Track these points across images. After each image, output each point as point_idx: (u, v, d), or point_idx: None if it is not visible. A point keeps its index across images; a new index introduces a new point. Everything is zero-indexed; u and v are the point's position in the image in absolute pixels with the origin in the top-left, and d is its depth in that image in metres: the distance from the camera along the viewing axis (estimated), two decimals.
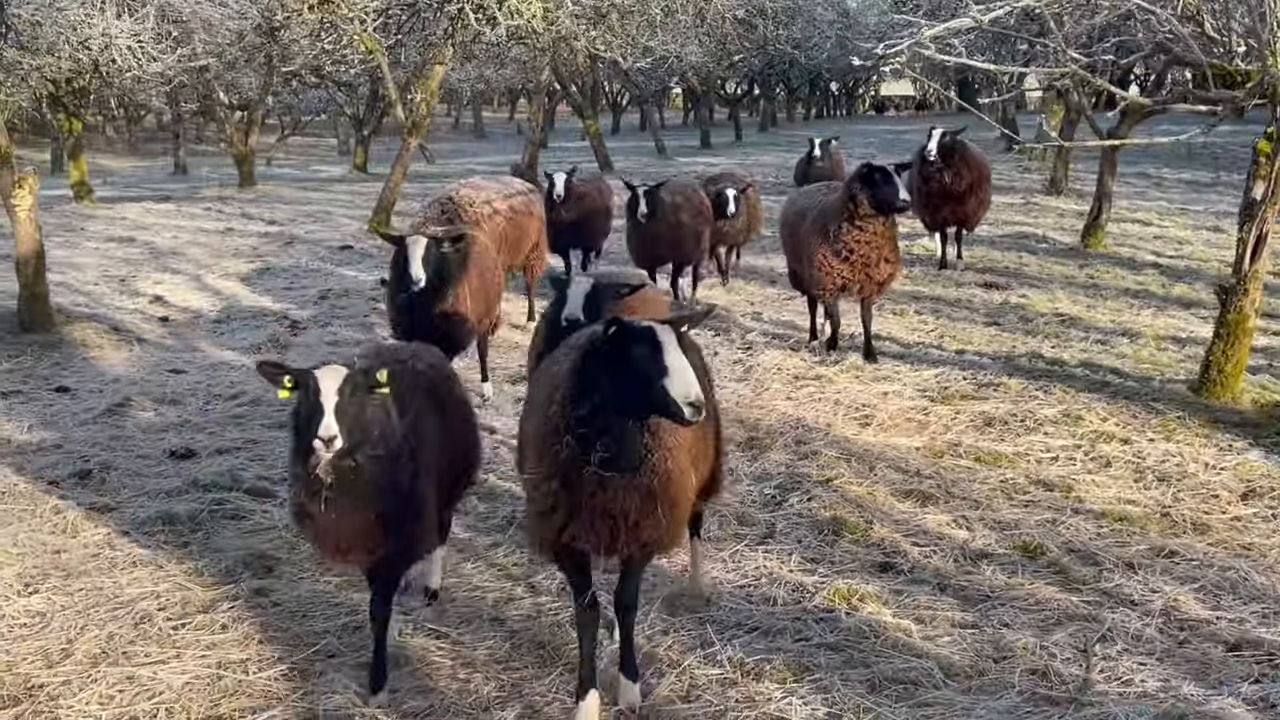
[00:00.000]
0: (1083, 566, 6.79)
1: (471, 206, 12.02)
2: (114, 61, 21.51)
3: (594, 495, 4.97)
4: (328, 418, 4.98)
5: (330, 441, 4.96)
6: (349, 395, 5.07)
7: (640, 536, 5.13)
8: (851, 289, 10.90)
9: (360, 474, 5.18)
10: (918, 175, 15.00)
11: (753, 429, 9.30)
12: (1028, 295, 13.82)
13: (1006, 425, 9.22)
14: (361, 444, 5.14)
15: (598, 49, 23.27)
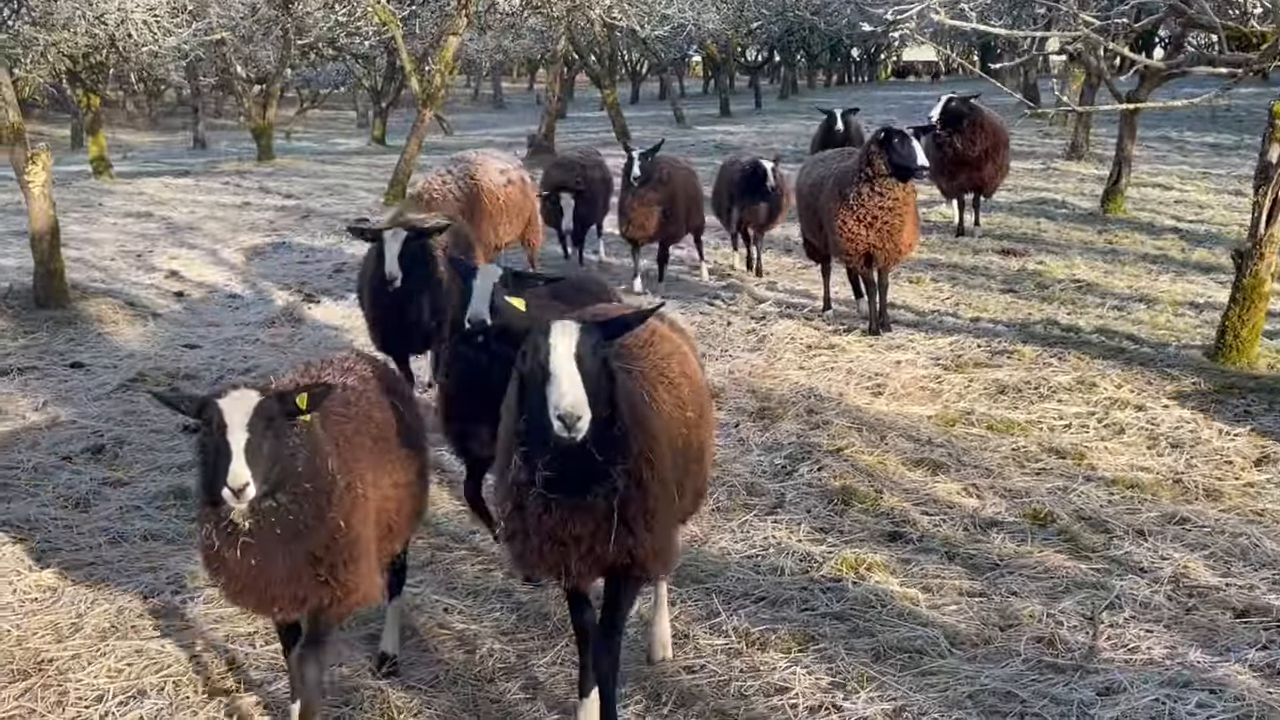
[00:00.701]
0: (1093, 534, 6.77)
1: (485, 173, 12.07)
2: (130, 36, 21.55)
3: (540, 519, 4.58)
4: (236, 462, 4.27)
5: (241, 491, 4.26)
6: (263, 429, 4.36)
7: (602, 563, 4.68)
8: (875, 256, 10.83)
9: (284, 515, 4.50)
10: (931, 142, 14.91)
11: (764, 399, 9.29)
12: (1045, 261, 13.74)
13: (1020, 393, 9.19)
14: (282, 483, 4.46)
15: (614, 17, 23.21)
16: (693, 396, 5.31)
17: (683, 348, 5.57)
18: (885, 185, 10.53)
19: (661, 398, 5.05)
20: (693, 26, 34.05)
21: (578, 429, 4.22)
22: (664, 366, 5.22)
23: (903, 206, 10.66)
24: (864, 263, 10.97)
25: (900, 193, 10.61)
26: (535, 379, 4.35)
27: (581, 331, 4.38)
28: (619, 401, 4.55)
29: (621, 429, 4.55)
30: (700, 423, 5.38)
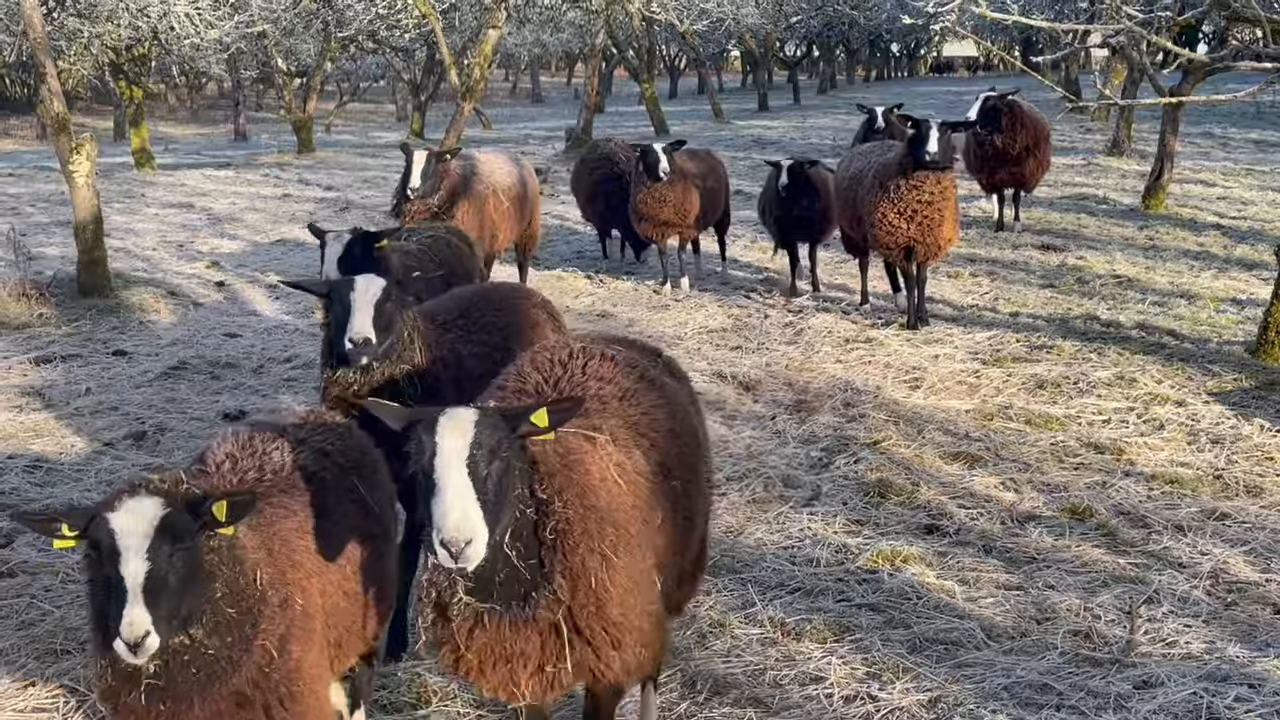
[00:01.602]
0: (1131, 529, 6.74)
1: (489, 173, 12.07)
2: (172, 28, 21.79)
3: (471, 633, 3.78)
4: (132, 608, 3.38)
5: (138, 645, 3.38)
6: (167, 554, 3.45)
7: (562, 682, 3.94)
8: (915, 250, 10.80)
9: (199, 653, 3.61)
10: (970, 138, 14.88)
11: (801, 392, 9.30)
12: (1085, 257, 13.67)
13: (1059, 388, 9.15)
14: (194, 616, 3.57)
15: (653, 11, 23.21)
16: (682, 458, 4.48)
17: (676, 398, 4.71)
18: (919, 178, 10.49)
19: (636, 466, 4.17)
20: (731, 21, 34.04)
21: (467, 558, 3.42)
22: (645, 424, 4.38)
23: (942, 200, 10.62)
24: (903, 257, 10.95)
25: (939, 186, 10.56)
26: (420, 485, 3.54)
27: (478, 425, 3.56)
28: (552, 498, 3.77)
29: (560, 527, 3.76)
30: (692, 489, 4.55)
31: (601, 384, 4.42)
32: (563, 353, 4.63)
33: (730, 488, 7.51)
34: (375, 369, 5.67)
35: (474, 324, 6.45)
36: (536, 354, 4.66)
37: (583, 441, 4.03)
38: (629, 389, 4.47)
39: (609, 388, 4.43)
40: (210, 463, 4.24)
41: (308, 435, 4.48)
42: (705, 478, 4.81)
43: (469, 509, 3.44)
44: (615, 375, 4.50)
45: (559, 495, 3.81)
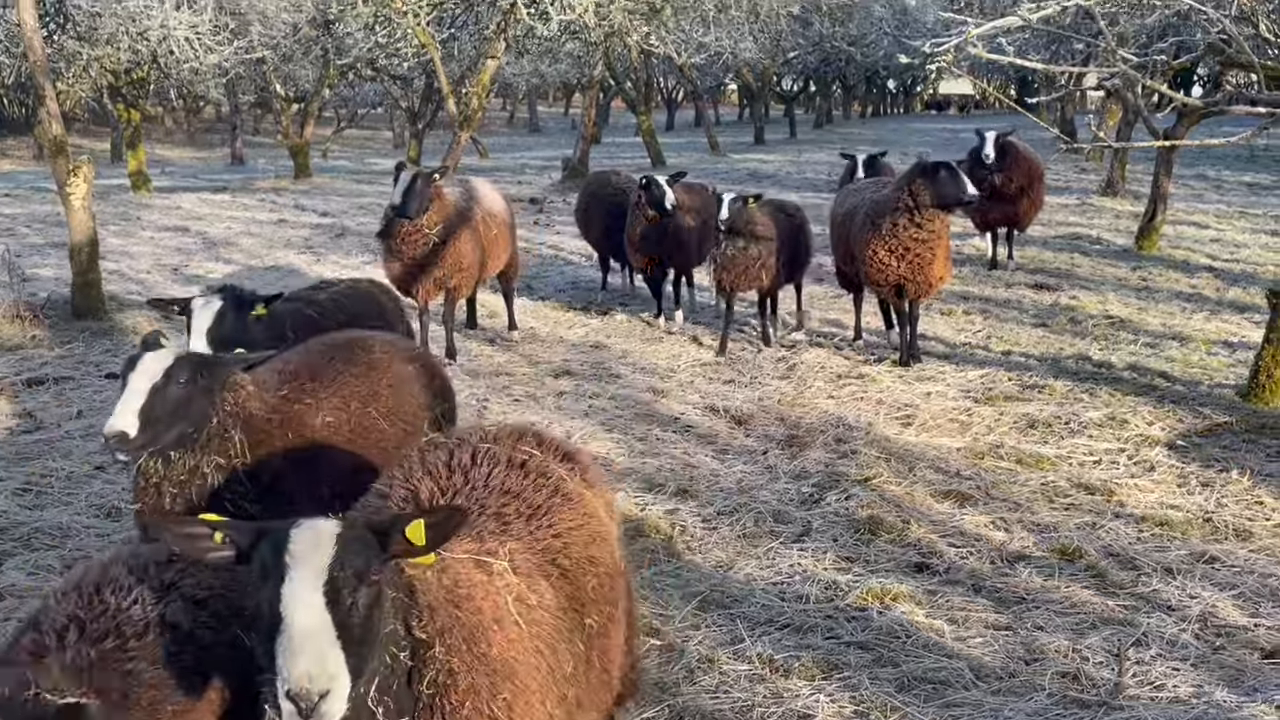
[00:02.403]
0: (1121, 571, 6.75)
1: (483, 199, 12.06)
2: (172, 53, 21.88)
3: None
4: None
5: None
6: None
7: None
8: (906, 287, 10.85)
9: None
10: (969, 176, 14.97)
11: (793, 427, 9.31)
12: (1078, 297, 13.73)
13: (1050, 428, 9.18)
14: None
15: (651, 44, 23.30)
16: (600, 591, 3.77)
17: (597, 514, 3.96)
18: (926, 216, 10.53)
19: (542, 601, 3.47)
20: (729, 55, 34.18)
21: (322, 716, 2.69)
22: (557, 548, 3.67)
23: (935, 239, 10.67)
24: (895, 294, 10.99)
25: (935, 225, 10.62)
26: (262, 616, 2.83)
27: (341, 542, 2.88)
28: (433, 640, 3.07)
29: (441, 680, 3.06)
30: (611, 628, 3.86)
31: (506, 499, 3.71)
32: (464, 455, 3.89)
33: (720, 522, 7.52)
34: (175, 461, 4.79)
35: (325, 390, 5.44)
36: (430, 454, 3.92)
37: (475, 570, 3.33)
38: (540, 506, 3.74)
39: (514, 503, 3.71)
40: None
41: (163, 581, 3.55)
42: (619, 612, 4.00)
43: (325, 652, 2.72)
44: (524, 488, 3.78)
45: (441, 637, 3.09)
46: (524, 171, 32.93)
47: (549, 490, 3.83)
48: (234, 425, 4.92)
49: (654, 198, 12.31)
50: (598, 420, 9.59)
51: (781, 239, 11.64)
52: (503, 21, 19.19)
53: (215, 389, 4.88)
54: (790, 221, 12.00)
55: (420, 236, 11.07)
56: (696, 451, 8.84)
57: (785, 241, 11.69)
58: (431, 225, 11.09)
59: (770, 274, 11.57)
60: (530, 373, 11.16)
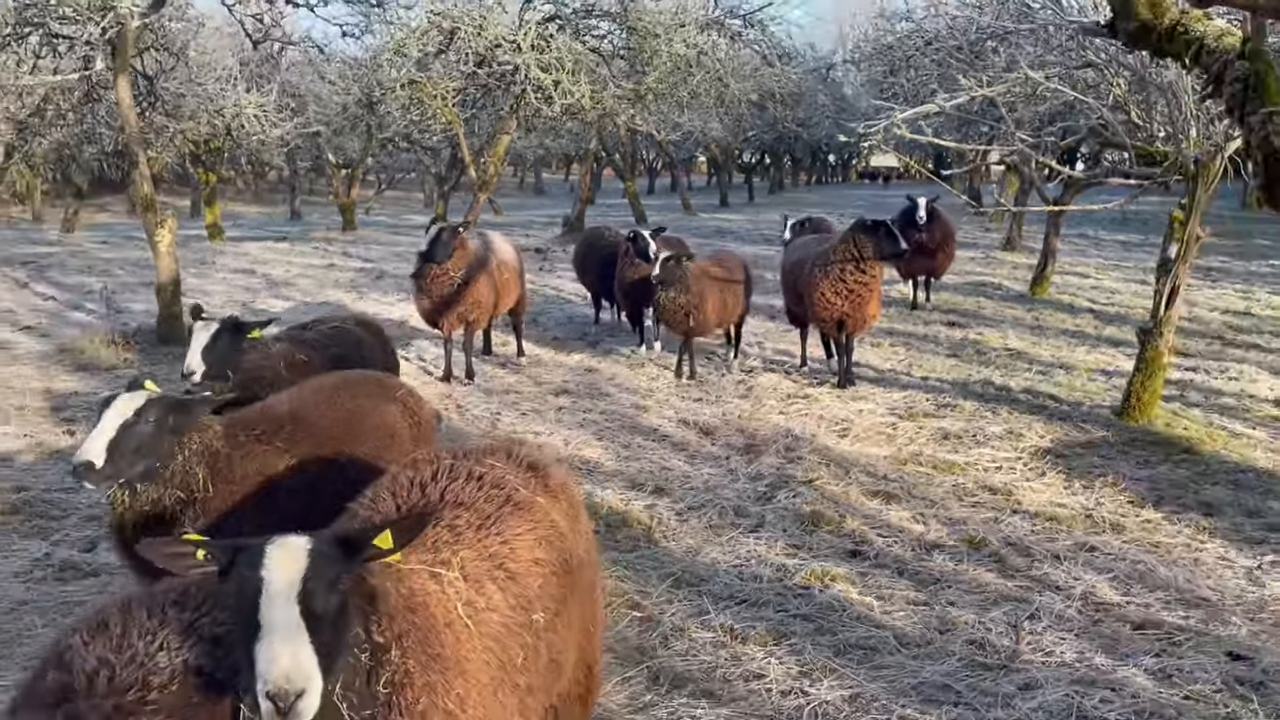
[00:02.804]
0: (1018, 557, 6.76)
1: (498, 249, 12.07)
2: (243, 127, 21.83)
3: None
4: None
5: None
6: None
7: None
8: (846, 323, 10.87)
9: None
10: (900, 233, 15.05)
11: (750, 437, 9.32)
12: (983, 333, 13.77)
13: (960, 439, 9.19)
14: None
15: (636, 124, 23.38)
16: (546, 590, 3.50)
17: (549, 519, 3.66)
18: (868, 264, 10.58)
19: (490, 603, 3.28)
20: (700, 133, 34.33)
21: (298, 713, 2.54)
22: (504, 554, 3.43)
23: (873, 283, 10.73)
24: (835, 328, 11.01)
25: (874, 271, 10.68)
26: (241, 624, 2.67)
27: (313, 556, 2.71)
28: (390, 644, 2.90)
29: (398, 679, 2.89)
30: (559, 623, 3.56)
31: (459, 511, 3.47)
32: (425, 473, 3.65)
33: (691, 515, 7.51)
34: (140, 492, 4.46)
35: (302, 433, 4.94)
36: (396, 476, 3.68)
37: (428, 580, 3.15)
38: (490, 515, 3.51)
39: (466, 515, 3.46)
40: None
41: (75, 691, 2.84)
42: (573, 610, 3.70)
43: (300, 654, 2.57)
44: (476, 500, 3.54)
45: (399, 641, 2.91)
46: (531, 226, 32.91)
47: (500, 500, 3.57)
48: (198, 462, 4.56)
49: (640, 248, 12.35)
50: (591, 431, 9.58)
51: (710, 290, 11.26)
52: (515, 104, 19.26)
53: (182, 429, 4.54)
54: (724, 274, 11.67)
55: (446, 278, 11.08)
56: (671, 457, 8.84)
57: (716, 291, 11.38)
58: (455, 270, 11.10)
59: (700, 319, 11.22)
60: (535, 391, 11.15)
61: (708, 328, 11.57)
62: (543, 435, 9.47)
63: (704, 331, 11.64)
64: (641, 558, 6.76)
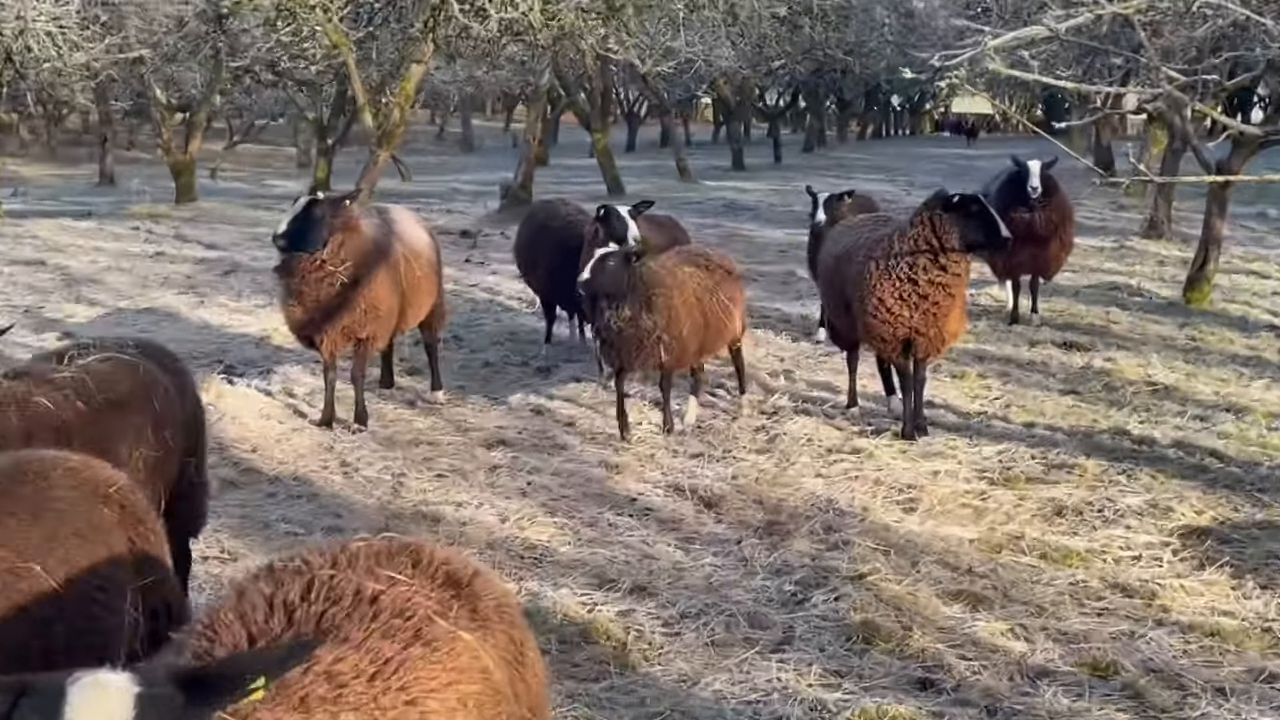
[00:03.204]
0: (1163, 690, 6.76)
1: (405, 233, 12.06)
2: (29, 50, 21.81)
3: None
4: None
5: None
6: None
7: None
8: (916, 344, 10.93)
9: None
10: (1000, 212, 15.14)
11: (773, 511, 9.32)
12: (1115, 359, 13.85)
13: (1080, 516, 9.20)
14: None
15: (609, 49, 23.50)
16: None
17: (478, 665, 3.60)
18: (950, 260, 10.60)
19: None
20: (702, 63, 34.44)
21: None
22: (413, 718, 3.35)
23: (956, 285, 10.74)
24: (901, 351, 11.03)
25: (959, 268, 10.70)
26: None
27: (140, 709, 2.69)
28: None
29: None
30: None
31: (343, 651, 3.34)
32: (291, 590, 3.55)
33: (685, 626, 7.49)
34: None
35: None
36: (246, 591, 3.56)
37: None
38: (390, 659, 3.39)
39: (354, 658, 3.33)
40: None
41: None
42: None
43: None
44: (369, 634, 3.44)
45: None
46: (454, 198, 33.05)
47: (407, 636, 3.45)
48: None
49: (613, 232, 12.28)
50: (538, 501, 9.56)
51: (686, 302, 11.03)
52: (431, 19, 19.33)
53: None
54: (708, 275, 11.53)
55: (326, 275, 11.05)
56: (657, 540, 8.82)
57: (696, 304, 11.15)
58: (339, 262, 11.07)
59: (674, 350, 10.96)
60: (458, 442, 11.13)
61: (683, 360, 11.33)
62: (468, 508, 9.45)
63: (676, 365, 11.37)
64: (612, 691, 6.74)
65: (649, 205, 13.35)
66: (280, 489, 9.93)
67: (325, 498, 9.66)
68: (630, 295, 10.67)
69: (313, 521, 9.11)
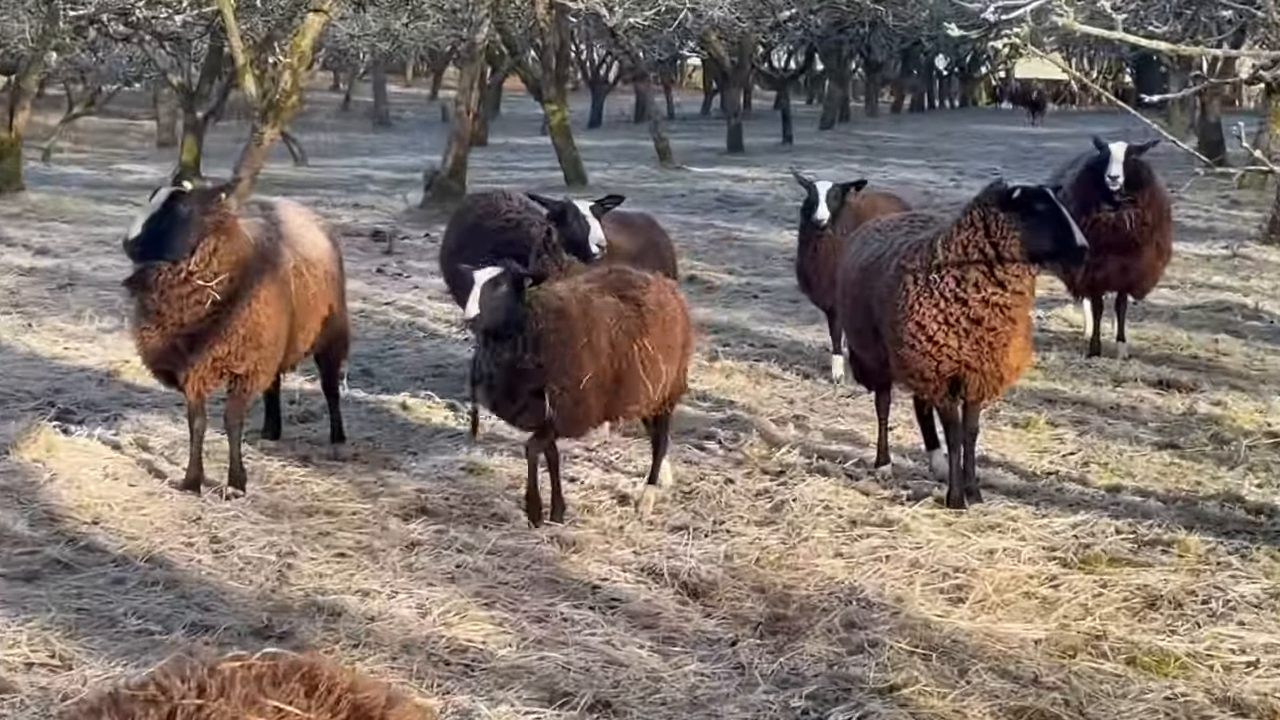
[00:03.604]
0: None
1: (298, 237, 12.04)
2: None
3: None
4: None
5: None
6: None
7: None
8: (966, 382, 10.94)
9: None
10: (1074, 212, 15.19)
11: (779, 602, 9.31)
12: (1225, 402, 13.90)
13: (1180, 609, 9.21)
14: None
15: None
16: None
17: None
18: (1011, 272, 10.58)
19: None
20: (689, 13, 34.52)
21: None
22: None
23: (1018, 306, 10.71)
24: (946, 392, 11.04)
25: (1022, 284, 10.66)
26: None
27: None
28: None
29: None
30: None
31: None
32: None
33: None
34: None
35: None
36: (147, 686, 3.54)
37: None
38: None
39: None
40: None
41: None
42: None
43: None
44: None
45: None
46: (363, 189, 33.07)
47: None
48: None
49: (572, 235, 12.36)
50: (470, 589, 9.53)
51: (592, 345, 10.56)
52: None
53: None
54: (634, 314, 10.97)
55: (193, 291, 11.00)
56: (626, 640, 8.81)
57: (606, 348, 10.63)
58: (211, 274, 11.03)
59: (567, 409, 10.52)
60: (366, 510, 11.09)
61: (577, 424, 10.95)
62: (378, 599, 9.41)
63: (567, 432, 11.04)
64: None
65: (618, 200, 13.31)
66: (130, 573, 9.83)
67: (189, 585, 9.58)
68: (518, 330, 10.27)
69: (173, 617, 9.03)
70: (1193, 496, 11.36)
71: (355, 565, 9.98)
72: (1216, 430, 13.09)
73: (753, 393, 14.42)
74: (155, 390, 13.06)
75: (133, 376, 14.66)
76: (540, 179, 30.59)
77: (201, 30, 31.32)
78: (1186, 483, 11.70)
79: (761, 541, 10.43)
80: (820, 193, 14.52)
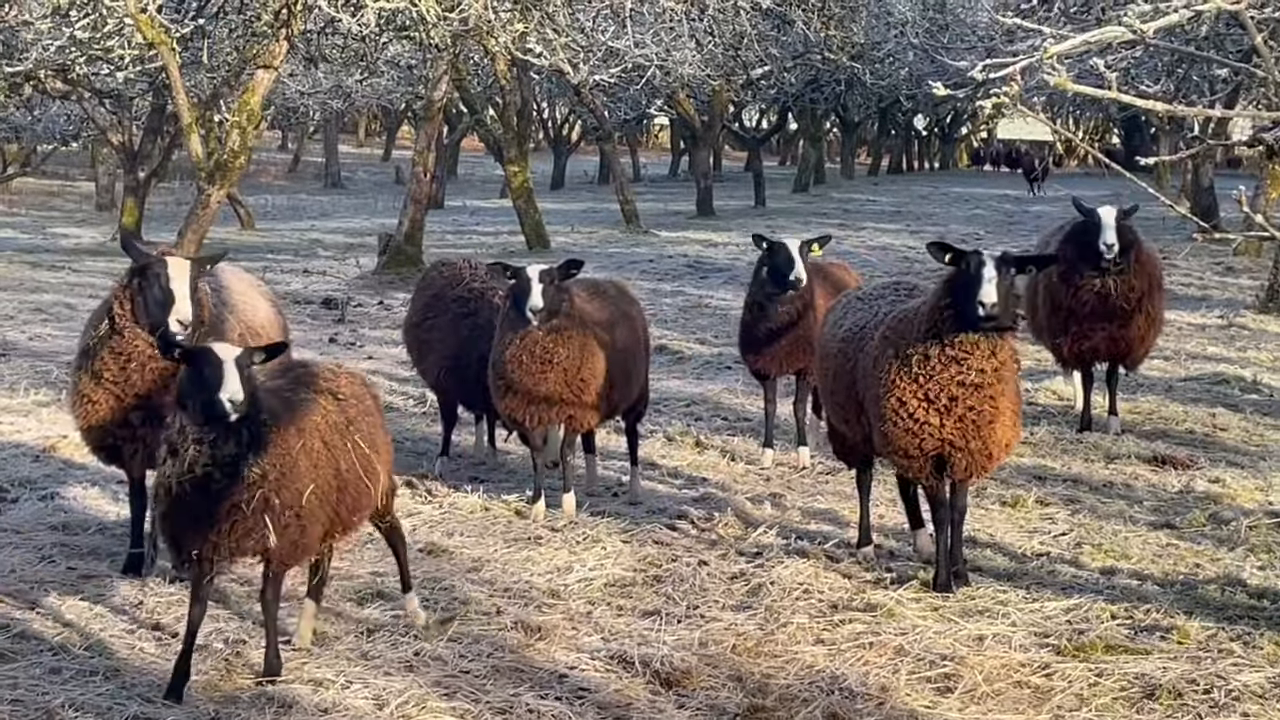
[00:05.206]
0: None
1: (243, 305, 12.03)
2: None
3: None
4: None
5: None
6: None
7: None
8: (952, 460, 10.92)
9: None
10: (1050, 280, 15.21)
11: (757, 691, 9.28)
12: (1223, 480, 13.92)
13: (1181, 699, 9.19)
14: None
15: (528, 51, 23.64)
16: None
17: None
18: (963, 345, 10.59)
19: None
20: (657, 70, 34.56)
21: None
22: None
23: (999, 381, 10.72)
24: (930, 470, 11.04)
25: (998, 358, 10.68)
26: None
27: None
28: None
29: None
30: None
31: None
32: None
33: None
34: None
35: None
36: None
37: None
38: None
39: None
40: None
41: None
42: None
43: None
44: None
45: None
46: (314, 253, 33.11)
47: None
48: None
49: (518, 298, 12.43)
50: (430, 678, 9.47)
51: (312, 450, 9.34)
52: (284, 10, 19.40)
53: None
54: (336, 409, 9.76)
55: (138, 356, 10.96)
56: None
57: (325, 453, 9.49)
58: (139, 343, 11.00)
59: (288, 527, 9.18)
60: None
61: (298, 550, 9.60)
62: (331, 689, 9.35)
63: (290, 559, 9.66)
64: None
65: (578, 266, 13.22)
66: (67, 662, 9.76)
67: (131, 674, 9.51)
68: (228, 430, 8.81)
69: (113, 710, 8.96)
70: (1191, 579, 11.37)
71: (307, 653, 9.92)
72: (1215, 509, 13.11)
73: (726, 470, 14.40)
74: (93, 466, 12.98)
75: (70, 452, 14.60)
76: (500, 243, 30.69)
77: (144, 87, 31.36)
78: (1185, 565, 11.71)
79: (738, 627, 10.40)
80: (793, 250, 14.27)
